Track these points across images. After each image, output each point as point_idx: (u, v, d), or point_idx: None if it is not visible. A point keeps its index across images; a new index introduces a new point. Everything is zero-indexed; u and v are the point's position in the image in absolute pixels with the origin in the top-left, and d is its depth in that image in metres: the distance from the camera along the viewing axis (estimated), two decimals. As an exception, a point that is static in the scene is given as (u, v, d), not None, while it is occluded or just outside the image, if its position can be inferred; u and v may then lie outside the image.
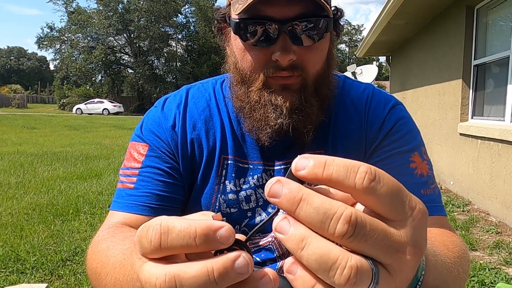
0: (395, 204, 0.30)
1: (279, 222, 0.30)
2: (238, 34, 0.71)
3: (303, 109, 0.71)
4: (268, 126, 0.72)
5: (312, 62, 0.71)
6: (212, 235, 0.30)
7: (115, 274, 0.55)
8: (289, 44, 0.68)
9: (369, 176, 0.29)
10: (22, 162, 6.60)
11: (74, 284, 2.44)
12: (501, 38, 4.25)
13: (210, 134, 0.81)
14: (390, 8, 5.84)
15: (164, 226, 0.30)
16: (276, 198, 0.30)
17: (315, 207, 0.29)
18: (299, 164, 0.30)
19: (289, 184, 0.30)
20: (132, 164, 0.78)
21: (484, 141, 4.18)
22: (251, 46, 0.71)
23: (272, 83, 0.72)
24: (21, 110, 33.85)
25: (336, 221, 0.28)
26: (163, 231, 0.30)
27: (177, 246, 0.30)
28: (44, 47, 36.70)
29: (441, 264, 0.51)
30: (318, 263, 0.28)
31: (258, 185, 0.80)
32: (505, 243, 3.15)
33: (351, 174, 0.29)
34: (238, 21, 0.69)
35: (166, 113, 0.82)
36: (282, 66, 0.69)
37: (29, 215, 3.72)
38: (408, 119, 0.81)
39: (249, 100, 0.73)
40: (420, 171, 0.75)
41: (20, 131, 12.91)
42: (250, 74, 0.73)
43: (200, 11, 36.65)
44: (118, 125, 16.92)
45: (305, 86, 0.72)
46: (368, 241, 0.29)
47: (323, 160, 0.30)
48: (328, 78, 0.76)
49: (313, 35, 0.69)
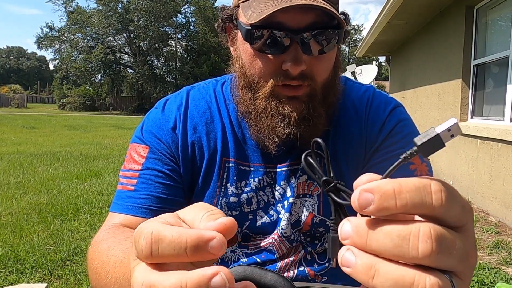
0: (461, 209, 0.29)
1: (343, 255, 0.28)
2: (249, 40, 0.70)
3: (310, 119, 0.71)
4: (275, 135, 0.72)
5: (321, 71, 0.71)
6: (203, 246, 0.29)
7: (115, 273, 0.55)
8: (301, 54, 0.67)
9: (445, 194, 0.27)
10: (22, 162, 6.60)
11: (74, 284, 2.44)
12: (500, 38, 4.25)
13: (211, 136, 0.80)
14: (389, 8, 5.84)
15: (155, 235, 0.30)
16: (346, 239, 0.29)
17: (385, 232, 0.27)
18: (362, 201, 0.27)
19: (354, 221, 0.29)
20: (133, 166, 0.78)
21: (484, 141, 4.19)
22: (261, 53, 0.70)
23: (280, 93, 0.71)
24: (21, 110, 33.82)
25: (417, 240, 0.26)
26: (154, 240, 0.30)
27: (168, 256, 0.30)
28: (44, 47, 36.65)
29: None
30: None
31: (259, 187, 0.80)
32: (504, 243, 3.15)
33: (426, 196, 0.27)
34: (250, 28, 0.68)
35: (166, 115, 0.81)
36: (292, 76, 0.69)
37: (29, 215, 3.72)
38: (408, 121, 0.81)
39: (255, 107, 0.73)
40: (419, 173, 0.75)
41: (19, 131, 12.91)
42: (258, 80, 0.72)
43: (199, 11, 36.65)
44: (117, 125, 16.92)
45: (313, 96, 0.71)
46: (452, 253, 0.27)
47: (390, 189, 0.27)
48: (335, 85, 0.76)
49: (324, 45, 0.68)
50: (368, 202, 0.27)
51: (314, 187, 0.79)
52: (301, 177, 0.79)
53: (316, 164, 0.35)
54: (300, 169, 0.79)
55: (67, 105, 35.67)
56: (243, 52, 0.73)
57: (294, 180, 0.79)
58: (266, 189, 0.80)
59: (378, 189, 0.27)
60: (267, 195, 0.80)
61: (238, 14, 0.73)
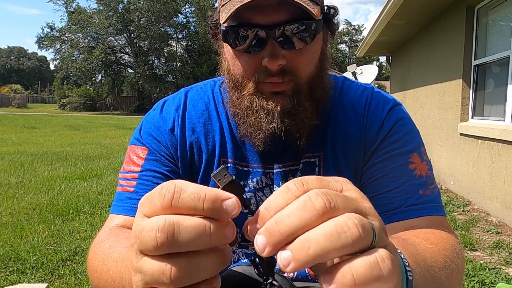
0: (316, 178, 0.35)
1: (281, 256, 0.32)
2: (227, 41, 0.70)
3: (295, 113, 0.71)
4: (260, 131, 0.72)
5: (303, 65, 0.71)
6: (218, 202, 0.32)
7: (118, 267, 0.55)
8: (278, 49, 0.67)
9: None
10: (22, 162, 6.61)
11: (74, 284, 2.44)
12: (501, 38, 4.25)
13: (209, 137, 0.80)
14: (390, 8, 5.84)
15: (179, 186, 0.33)
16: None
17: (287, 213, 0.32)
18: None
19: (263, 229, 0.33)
20: (132, 167, 0.78)
21: (484, 141, 4.18)
22: (241, 53, 0.70)
23: (264, 89, 0.71)
24: (21, 110, 33.84)
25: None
26: (176, 190, 0.32)
27: (186, 207, 0.32)
28: (44, 47, 36.65)
29: (422, 259, 0.52)
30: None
31: (258, 188, 0.80)
32: (505, 243, 3.15)
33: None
34: (225, 29, 0.69)
35: (164, 116, 0.81)
36: (272, 72, 0.68)
37: (29, 215, 3.72)
38: (407, 120, 0.81)
39: (241, 105, 0.73)
40: (419, 172, 0.75)
41: (20, 131, 12.92)
42: (242, 80, 0.72)
43: (200, 11, 36.62)
44: (118, 125, 16.92)
45: (298, 90, 0.71)
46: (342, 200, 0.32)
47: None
48: (322, 79, 0.76)
49: (302, 38, 0.68)
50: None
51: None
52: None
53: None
54: (299, 169, 0.79)
55: (68, 105, 35.67)
56: (227, 54, 0.74)
57: None
58: (265, 190, 0.80)
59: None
60: (266, 195, 0.80)
61: (220, 18, 0.74)
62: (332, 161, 0.79)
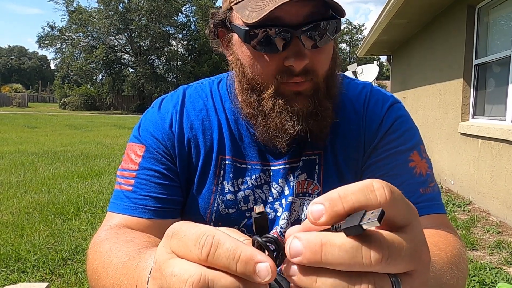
0: (406, 207, 0.31)
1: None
2: (249, 41, 0.68)
3: (318, 113, 0.71)
4: (285, 134, 0.71)
5: (322, 64, 0.70)
6: (252, 265, 0.30)
7: (117, 274, 0.55)
8: (302, 48, 0.66)
9: (387, 189, 0.30)
10: (23, 161, 6.61)
11: (75, 283, 2.44)
12: (502, 38, 4.25)
13: (207, 134, 0.80)
14: (391, 8, 5.83)
15: (217, 239, 0.31)
16: (298, 256, 0.30)
17: (339, 245, 0.29)
18: (315, 213, 0.30)
19: (305, 235, 0.30)
20: (130, 165, 0.78)
21: (485, 141, 4.18)
22: (262, 53, 0.68)
23: (285, 90, 0.70)
24: (22, 109, 33.86)
25: (368, 251, 0.28)
26: (214, 243, 0.31)
27: (220, 263, 0.31)
28: (45, 46, 36.65)
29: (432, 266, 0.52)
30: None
31: (256, 185, 0.79)
32: (506, 243, 3.15)
33: (370, 195, 0.29)
34: (248, 29, 0.66)
35: (162, 113, 0.81)
36: (296, 72, 0.67)
37: (30, 214, 3.72)
38: (406, 118, 0.80)
39: (262, 108, 0.72)
40: (419, 170, 0.74)
41: (21, 130, 12.93)
42: (262, 81, 0.71)
43: (200, 10, 36.61)
44: (118, 124, 16.93)
45: (317, 90, 0.71)
46: (401, 255, 0.29)
47: (335, 196, 0.30)
48: (336, 77, 0.75)
49: (324, 37, 0.67)
50: (319, 213, 0.30)
51: (314, 185, 0.79)
52: (301, 176, 0.78)
53: None
54: (299, 167, 0.79)
55: (68, 104, 35.69)
56: (242, 55, 0.72)
57: (292, 179, 0.78)
58: (263, 187, 0.79)
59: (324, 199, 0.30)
60: (264, 193, 0.79)
61: (232, 17, 0.72)
62: (332, 159, 0.78)
